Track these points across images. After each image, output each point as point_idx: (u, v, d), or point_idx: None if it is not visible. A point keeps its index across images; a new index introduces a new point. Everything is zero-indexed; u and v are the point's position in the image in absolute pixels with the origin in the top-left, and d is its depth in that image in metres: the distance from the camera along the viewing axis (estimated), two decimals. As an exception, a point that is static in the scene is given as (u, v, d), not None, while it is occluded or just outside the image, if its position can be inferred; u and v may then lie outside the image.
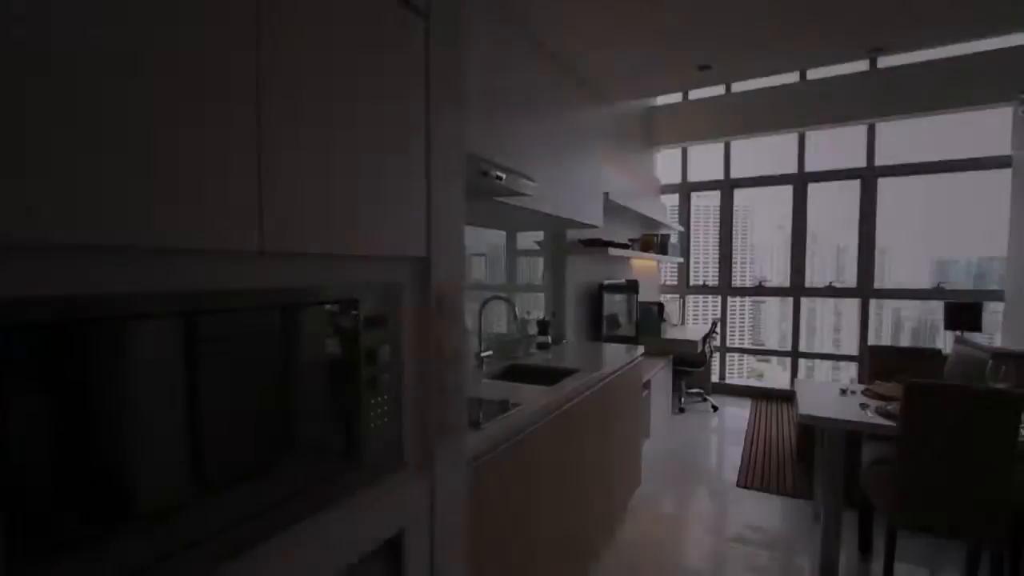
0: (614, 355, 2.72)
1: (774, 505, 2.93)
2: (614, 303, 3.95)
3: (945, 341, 5.18)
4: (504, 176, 1.54)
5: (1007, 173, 4.40)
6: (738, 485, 3.18)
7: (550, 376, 2.20)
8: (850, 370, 5.22)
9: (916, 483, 1.88)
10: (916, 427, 1.87)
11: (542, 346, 2.89)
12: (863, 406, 2.24)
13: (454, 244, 1.12)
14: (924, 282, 4.96)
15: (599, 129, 2.98)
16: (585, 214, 2.82)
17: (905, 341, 5.31)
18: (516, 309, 2.23)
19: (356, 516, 0.89)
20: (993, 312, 4.57)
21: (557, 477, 1.84)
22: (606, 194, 3.13)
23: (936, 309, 5.12)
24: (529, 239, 3.02)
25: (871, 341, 5.04)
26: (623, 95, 2.78)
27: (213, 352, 0.67)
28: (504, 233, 2.78)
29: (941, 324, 5.16)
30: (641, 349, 2.96)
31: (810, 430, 3.11)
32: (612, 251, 3.32)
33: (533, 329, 2.99)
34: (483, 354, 2.32)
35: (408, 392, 1.02)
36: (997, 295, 4.50)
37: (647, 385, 3.93)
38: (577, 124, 2.70)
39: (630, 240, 4.29)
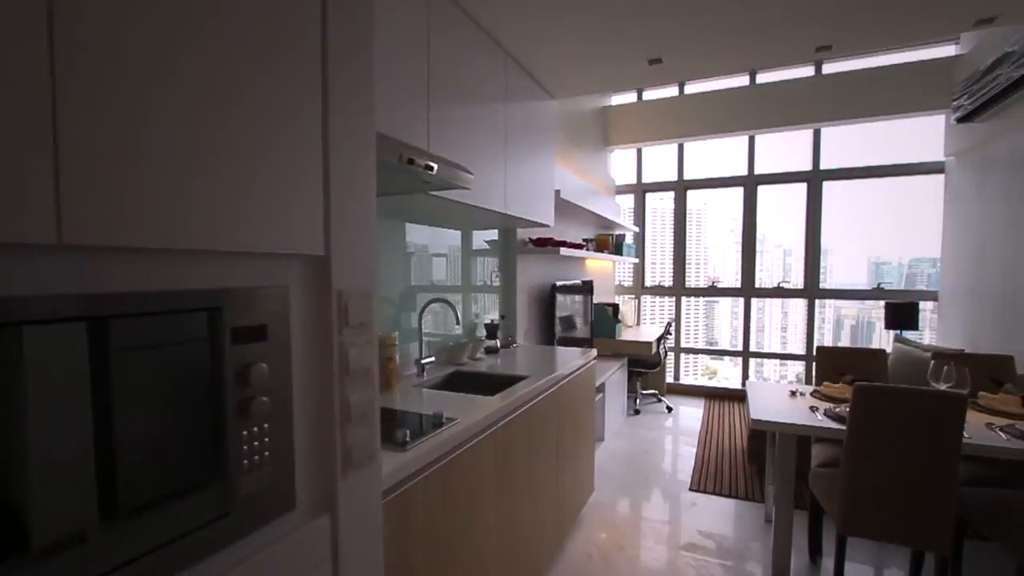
0: (566, 359, 2.61)
1: (726, 509, 2.89)
2: (568, 304, 3.85)
3: (881, 338, 5.40)
4: (436, 166, 1.38)
5: (941, 178, 4.60)
6: (691, 489, 3.13)
7: (495, 384, 2.06)
8: (797, 367, 5.34)
9: (865, 492, 1.85)
10: (865, 430, 1.83)
11: (490, 351, 2.74)
12: (813, 408, 2.21)
13: (362, 241, 0.95)
14: (862, 283, 5.13)
15: (550, 126, 2.86)
16: (535, 212, 2.69)
17: (845, 338, 5.51)
18: (458, 312, 2.08)
19: (224, 578, 0.72)
20: (923, 311, 4.76)
21: (501, 492, 1.69)
22: (557, 192, 3.02)
23: (872, 308, 5.32)
24: (482, 239, 2.87)
25: (815, 338, 5.17)
26: (575, 89, 2.66)
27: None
28: (459, 232, 2.61)
29: (878, 322, 5.38)
30: (594, 352, 2.86)
31: (760, 432, 3.10)
32: (564, 251, 3.21)
33: (483, 332, 2.84)
34: (424, 361, 2.15)
35: (301, 419, 0.85)
36: (931, 295, 4.69)
37: (601, 388, 3.86)
38: (527, 120, 2.57)
39: (584, 240, 4.21)
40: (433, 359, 2.21)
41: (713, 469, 3.40)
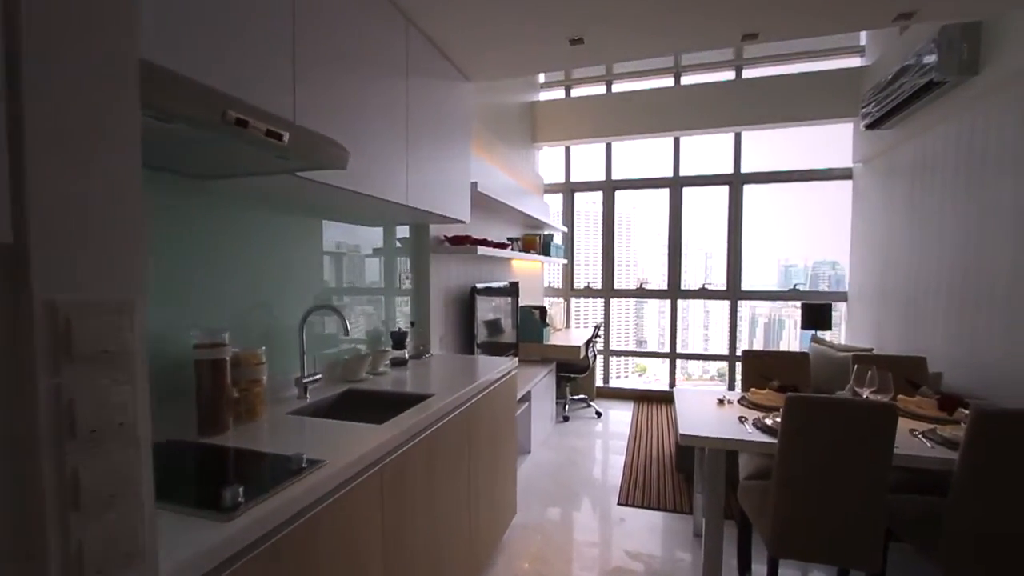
0: (485, 369, 2.33)
1: (655, 524, 2.74)
2: (491, 308, 3.58)
3: (791, 335, 5.64)
4: (287, 135, 1.05)
5: (847, 184, 4.80)
6: (619, 503, 2.96)
7: (394, 404, 1.73)
8: (720, 364, 5.41)
9: (797, 514, 1.72)
10: (796, 444, 1.70)
11: (398, 363, 2.41)
12: (742, 419, 2.08)
13: (111, 222, 0.61)
14: (773, 284, 5.28)
15: (466, 111, 2.58)
16: (448, 206, 2.39)
17: (759, 336, 5.68)
18: (347, 322, 1.74)
19: None
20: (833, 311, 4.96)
21: (393, 541, 1.38)
22: (474, 184, 2.73)
23: (782, 307, 5.52)
24: (387, 236, 2.53)
25: (736, 337, 5.25)
26: (492, 71, 2.40)
27: None
28: (362, 228, 2.25)
29: (787, 319, 5.62)
30: (515, 362, 2.60)
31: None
32: (483, 250, 2.93)
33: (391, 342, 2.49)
34: (307, 380, 1.78)
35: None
36: (842, 296, 4.89)
37: (527, 397, 3.63)
38: (437, 101, 2.27)
39: (509, 239, 3.96)
40: (320, 377, 1.85)
41: (641, 479, 3.26)
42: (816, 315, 4.48)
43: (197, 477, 1.15)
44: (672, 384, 5.45)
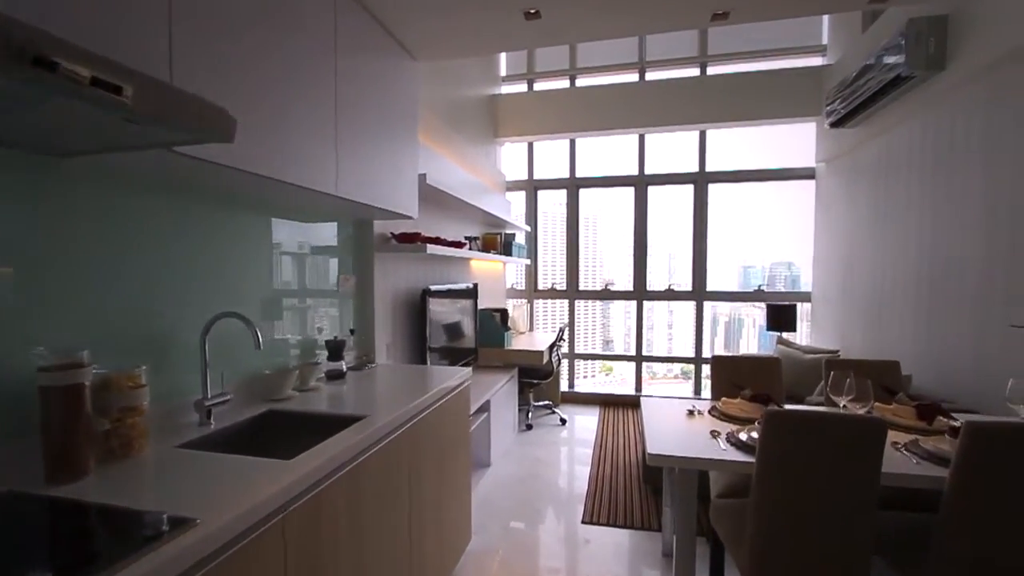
0: (434, 381, 2.08)
1: (622, 543, 2.54)
2: (448, 311, 3.32)
3: (750, 334, 5.61)
4: (129, 88, 0.78)
5: (808, 184, 4.77)
6: (584, 521, 2.75)
7: (320, 428, 1.46)
8: (685, 365, 5.31)
9: (776, 538, 1.54)
10: (777, 466, 1.52)
11: (334, 376, 2.13)
12: (714, 434, 1.90)
13: None
14: (733, 285, 5.22)
15: (411, 95, 2.32)
16: (390, 199, 2.13)
17: (720, 335, 5.62)
18: (258, 332, 1.46)
19: None
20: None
21: (296, 614, 1.11)
22: (423, 176, 2.48)
23: (742, 307, 5.49)
24: (323, 233, 2.24)
25: (703, 338, 5.16)
26: (441, 48, 2.16)
27: None
28: (291, 224, 1.96)
29: (748, 320, 5.60)
30: (469, 372, 2.36)
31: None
32: (434, 248, 2.68)
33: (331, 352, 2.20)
34: (211, 403, 1.49)
35: None
36: (805, 296, 4.85)
37: (486, 407, 3.39)
38: (376, 80, 2.01)
39: (467, 238, 3.71)
40: (229, 398, 1.56)
41: (607, 493, 3.07)
42: (781, 316, 4.42)
43: (13, 552, 0.86)
44: (638, 387, 5.32)
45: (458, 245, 3.22)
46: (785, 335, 4.39)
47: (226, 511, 0.93)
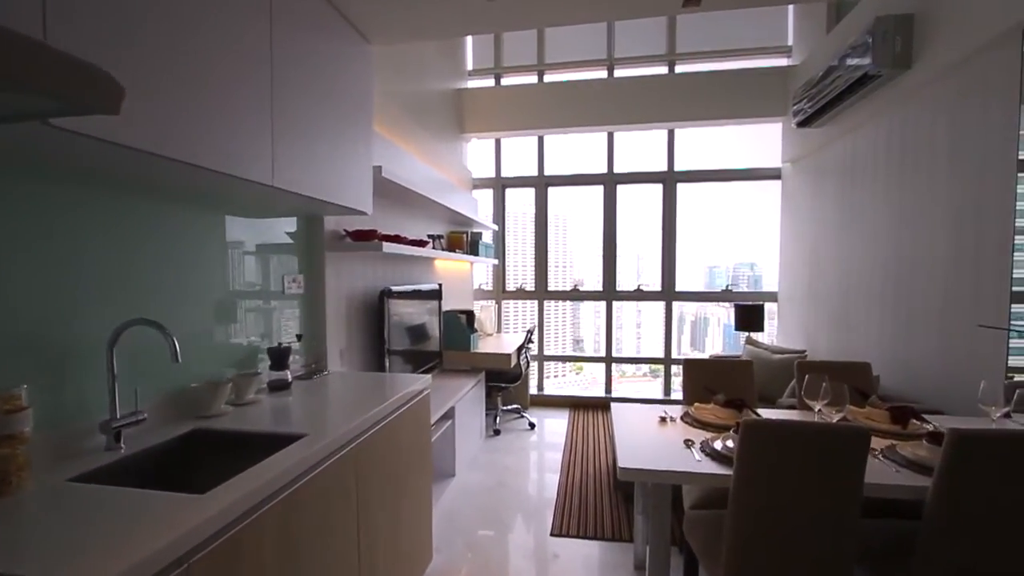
0: (390, 391, 1.91)
1: (592, 556, 2.42)
2: (409, 314, 3.14)
3: (714, 333, 5.63)
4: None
5: (773, 185, 4.79)
6: (553, 534, 2.62)
7: (252, 451, 1.28)
8: (656, 365, 5.27)
9: (754, 555, 1.44)
10: (755, 478, 1.42)
11: (277, 387, 1.93)
12: (688, 443, 1.79)
13: None
14: (700, 285, 5.21)
15: (363, 80, 2.14)
16: (339, 193, 1.94)
17: (687, 333, 5.61)
18: (175, 342, 1.26)
19: None
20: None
21: None
22: (378, 168, 2.30)
23: (707, 306, 5.50)
24: (268, 230, 2.03)
25: (672, 338, 5.12)
26: (396, 29, 2.00)
27: None
28: (233, 219, 1.75)
29: (713, 319, 5.61)
30: (429, 379, 2.19)
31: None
32: (392, 247, 2.50)
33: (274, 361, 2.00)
34: (120, 424, 1.28)
35: None
36: (772, 296, 4.87)
37: (451, 413, 3.22)
38: (320, 60, 1.82)
39: (431, 236, 3.54)
40: (144, 417, 1.35)
41: (577, 502, 2.95)
42: (749, 316, 4.41)
43: None
44: (608, 388, 5.24)
45: (420, 244, 3.05)
46: (753, 335, 4.38)
47: (108, 568, 0.75)
